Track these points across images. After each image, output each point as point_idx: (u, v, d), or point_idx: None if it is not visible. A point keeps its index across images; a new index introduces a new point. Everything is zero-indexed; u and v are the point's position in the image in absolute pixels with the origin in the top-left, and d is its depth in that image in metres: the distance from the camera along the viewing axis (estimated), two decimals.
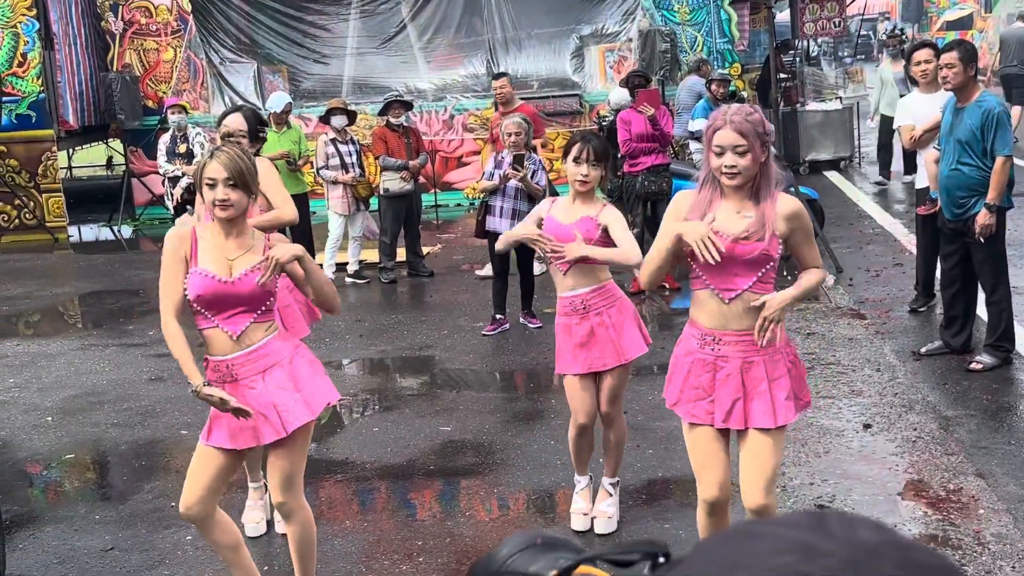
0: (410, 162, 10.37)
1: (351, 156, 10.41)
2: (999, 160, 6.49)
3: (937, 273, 7.59)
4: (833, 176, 15.47)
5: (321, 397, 3.99)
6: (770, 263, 3.71)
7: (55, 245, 14.14)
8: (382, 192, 10.46)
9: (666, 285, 9.41)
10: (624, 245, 4.60)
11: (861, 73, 18.96)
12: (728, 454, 3.90)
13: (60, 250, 13.96)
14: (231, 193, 3.82)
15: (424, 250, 11.18)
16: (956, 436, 5.75)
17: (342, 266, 10.60)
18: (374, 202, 10.79)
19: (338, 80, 15.63)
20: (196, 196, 4.56)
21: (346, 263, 10.59)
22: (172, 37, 15.48)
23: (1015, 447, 5.60)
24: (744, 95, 15.01)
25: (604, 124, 12.53)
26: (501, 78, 10.54)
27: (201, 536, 4.13)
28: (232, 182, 3.82)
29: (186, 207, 5.89)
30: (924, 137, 7.32)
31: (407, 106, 11.22)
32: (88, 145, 17.71)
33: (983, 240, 6.62)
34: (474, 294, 9.87)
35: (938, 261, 7.46)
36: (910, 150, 8.05)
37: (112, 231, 15.00)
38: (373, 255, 10.80)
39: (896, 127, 7.92)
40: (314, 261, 4.03)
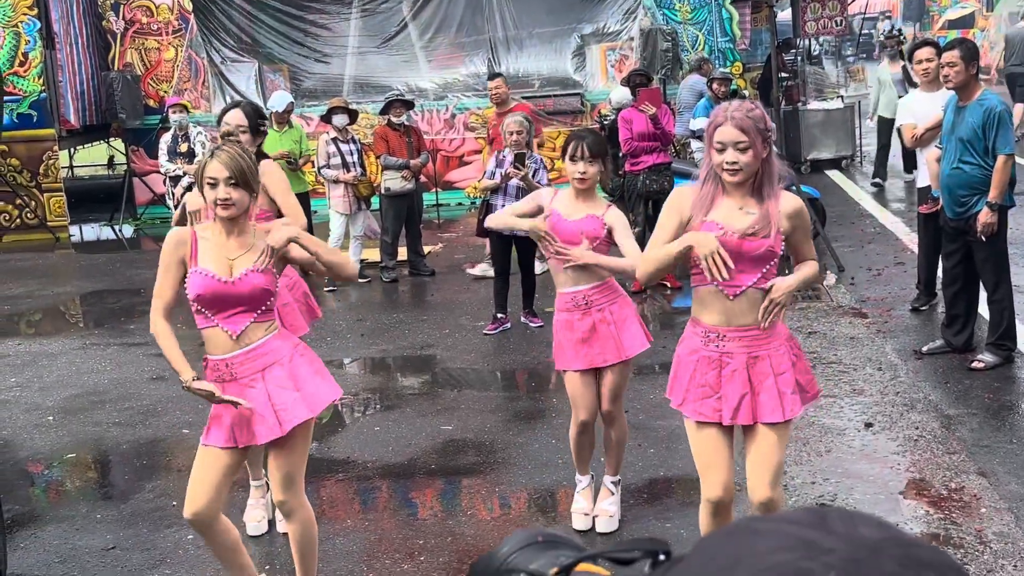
0: (411, 161, 10.37)
1: (352, 155, 10.40)
2: (1000, 159, 6.48)
3: (939, 272, 7.59)
4: (834, 175, 15.46)
5: (322, 396, 3.98)
6: (774, 259, 3.73)
7: (56, 244, 14.14)
8: (383, 191, 10.46)
9: (667, 284, 9.41)
10: (630, 255, 4.53)
11: (862, 72, 18.96)
12: (732, 454, 3.90)
13: (61, 249, 13.96)
14: (232, 192, 3.81)
15: (425, 249, 11.18)
16: (958, 435, 5.75)
17: None
18: (375, 201, 10.79)
19: (339, 79, 15.63)
20: (187, 194, 4.57)
21: None
22: (173, 36, 15.48)
23: (1017, 446, 5.60)
24: (746, 94, 15.00)
25: (605, 123, 12.54)
26: (496, 79, 10.49)
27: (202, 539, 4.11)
28: (233, 181, 3.81)
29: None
30: (926, 136, 7.31)
31: (408, 105, 11.22)
32: (89, 144, 17.70)
33: (985, 239, 6.61)
34: (475, 293, 9.87)
35: (940, 260, 7.45)
36: (912, 149, 8.04)
37: (113, 230, 15.00)
38: (374, 254, 10.80)
39: (898, 126, 7.92)
40: (312, 240, 4.00)
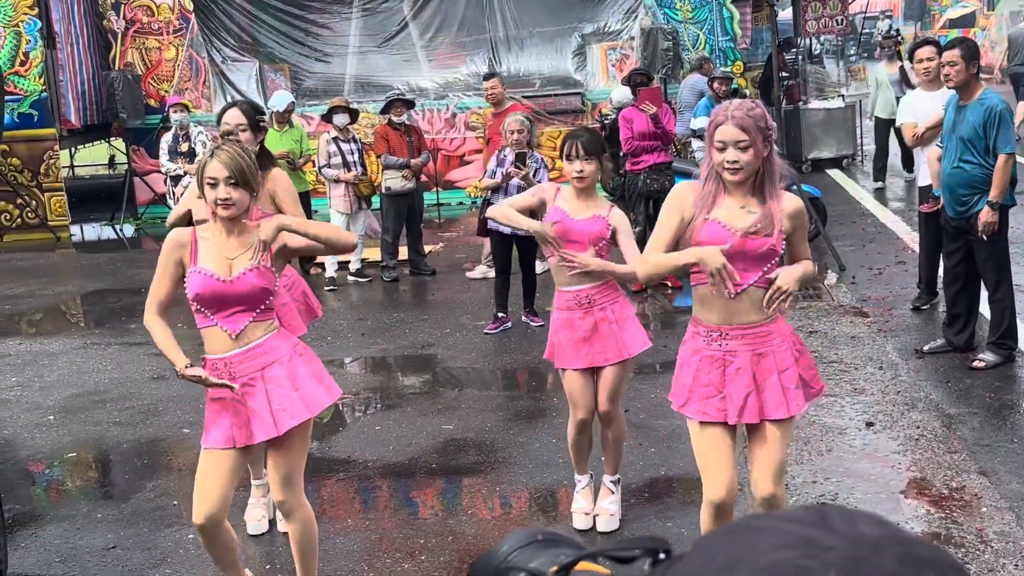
0: (412, 160, 10.36)
1: (353, 155, 10.41)
2: (1001, 158, 6.48)
3: (940, 271, 7.59)
4: (835, 174, 15.46)
5: (321, 396, 3.97)
6: (775, 258, 3.73)
7: (57, 244, 14.14)
8: (384, 191, 10.46)
9: (668, 283, 9.41)
10: (631, 260, 4.62)
11: (863, 71, 18.97)
12: (735, 455, 3.89)
13: (62, 249, 13.96)
14: (233, 192, 3.81)
15: (426, 248, 11.18)
16: (959, 434, 5.74)
17: (344, 264, 10.60)
18: (376, 201, 10.80)
19: (340, 79, 15.63)
20: (183, 194, 4.57)
21: (348, 261, 10.58)
22: (174, 36, 15.48)
23: (1018, 445, 5.59)
24: (747, 93, 14.99)
25: (606, 122, 12.54)
26: (492, 79, 10.43)
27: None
28: (233, 181, 3.81)
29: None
30: (927, 135, 7.31)
31: (409, 104, 11.22)
32: (90, 144, 17.71)
33: (986, 238, 6.61)
34: (476, 292, 9.87)
35: (941, 259, 7.45)
36: (912, 148, 8.04)
37: (114, 230, 15.00)
38: (375, 253, 10.80)
39: (898, 124, 7.92)
40: (301, 219, 4.01)
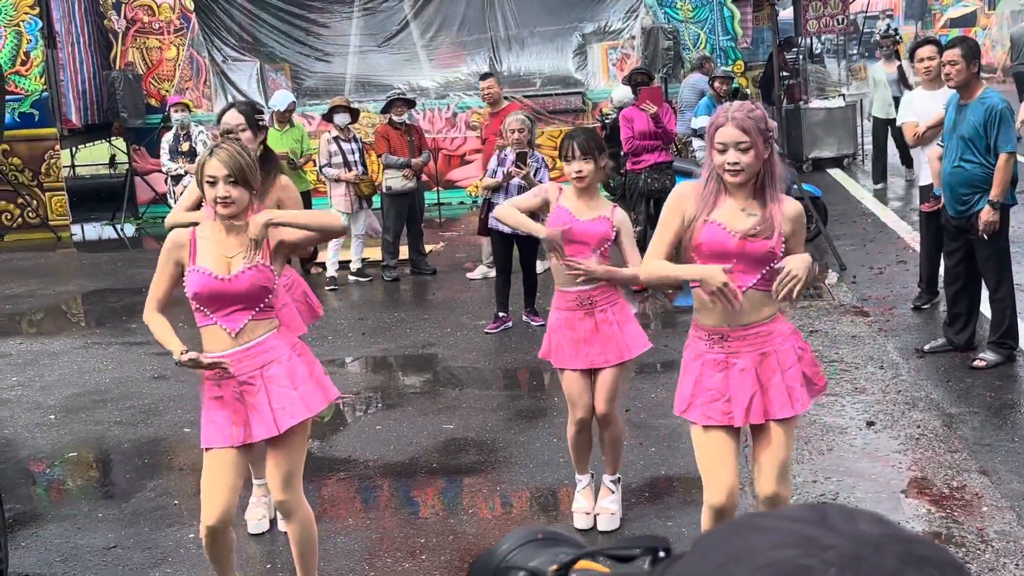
0: (412, 160, 10.36)
1: (354, 154, 10.41)
2: (1002, 157, 6.48)
3: (940, 270, 7.58)
4: (836, 173, 15.45)
5: (319, 396, 3.98)
6: (774, 260, 3.73)
7: (58, 244, 14.15)
8: (385, 190, 10.46)
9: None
10: (632, 262, 4.68)
11: (864, 70, 18.96)
12: (738, 458, 3.88)
13: (63, 248, 13.96)
14: (232, 190, 3.81)
15: (427, 248, 11.18)
16: (959, 433, 5.74)
17: (345, 264, 10.60)
18: (377, 200, 10.80)
19: (341, 78, 15.63)
20: (183, 193, 4.57)
21: (349, 261, 10.59)
22: (175, 35, 15.48)
23: (1019, 444, 5.59)
24: (747, 92, 14.99)
25: (607, 122, 12.53)
26: (488, 78, 10.42)
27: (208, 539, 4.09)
28: (233, 179, 3.80)
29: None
30: (927, 134, 7.30)
31: (410, 104, 11.22)
32: (91, 143, 17.71)
33: (986, 237, 6.61)
34: (477, 292, 9.87)
35: (941, 258, 7.45)
36: (913, 147, 8.04)
37: (115, 229, 15.00)
38: (376, 253, 10.80)
39: (899, 123, 7.92)
40: (288, 213, 4.00)
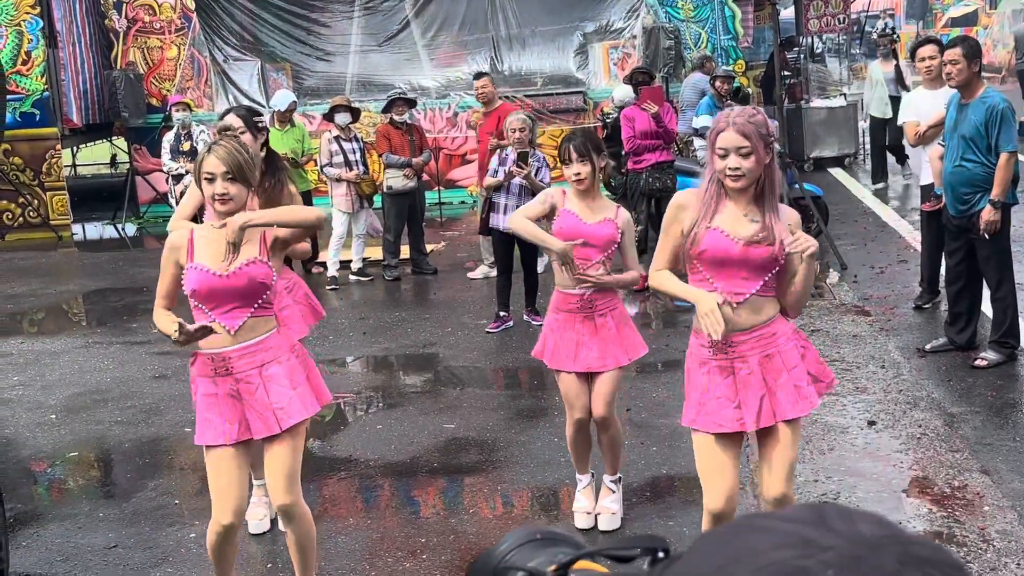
0: (413, 159, 10.36)
1: (355, 153, 10.41)
2: (1003, 156, 6.47)
3: (942, 269, 7.58)
4: (837, 173, 15.46)
5: (317, 397, 3.99)
6: (776, 267, 3.73)
7: (59, 243, 14.15)
8: (386, 190, 10.46)
9: None
10: (632, 265, 4.77)
11: (865, 69, 18.95)
12: (739, 463, 3.88)
13: (64, 248, 13.97)
14: (230, 187, 3.81)
15: (428, 247, 11.18)
16: (961, 433, 5.74)
17: (346, 264, 10.60)
18: (378, 200, 10.80)
19: (342, 78, 15.64)
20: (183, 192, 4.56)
21: (350, 261, 10.59)
22: (176, 35, 15.50)
23: (1020, 443, 5.59)
24: (748, 91, 14.99)
25: (608, 121, 12.53)
26: (482, 78, 10.38)
27: (204, 537, 4.09)
28: (231, 176, 3.81)
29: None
30: (928, 133, 7.30)
31: (411, 103, 11.22)
32: (92, 143, 17.73)
33: (988, 236, 6.60)
34: (478, 291, 9.87)
35: (943, 257, 7.44)
36: (915, 146, 8.04)
37: (116, 229, 14.99)
38: (377, 252, 10.81)
39: (900, 123, 7.91)
40: (263, 213, 3.97)
